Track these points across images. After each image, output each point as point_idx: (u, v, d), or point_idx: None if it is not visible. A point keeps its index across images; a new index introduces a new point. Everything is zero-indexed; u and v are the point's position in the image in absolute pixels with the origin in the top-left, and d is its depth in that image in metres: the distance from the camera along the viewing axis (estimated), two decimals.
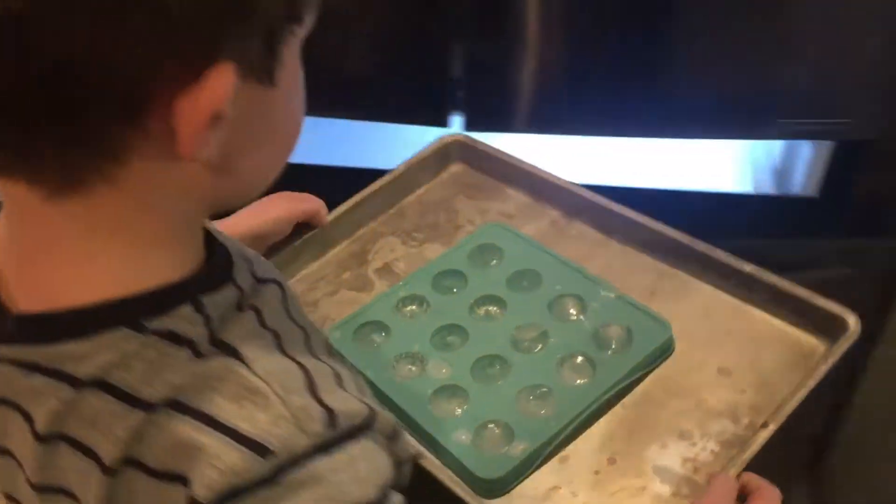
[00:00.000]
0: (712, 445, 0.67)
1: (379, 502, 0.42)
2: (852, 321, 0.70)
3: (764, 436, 0.64)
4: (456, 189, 0.95)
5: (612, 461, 0.68)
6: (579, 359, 0.73)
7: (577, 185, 0.88)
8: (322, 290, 0.86)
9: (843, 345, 0.69)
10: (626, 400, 0.72)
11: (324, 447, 0.40)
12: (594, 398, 0.70)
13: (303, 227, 0.88)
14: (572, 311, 0.77)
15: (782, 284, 0.74)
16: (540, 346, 0.75)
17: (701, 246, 0.79)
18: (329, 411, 0.41)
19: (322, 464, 0.40)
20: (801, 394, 0.66)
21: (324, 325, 0.81)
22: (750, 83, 1.07)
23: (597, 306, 0.77)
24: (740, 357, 0.73)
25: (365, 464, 0.42)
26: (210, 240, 0.46)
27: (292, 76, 0.42)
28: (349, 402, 0.43)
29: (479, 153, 0.96)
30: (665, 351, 0.74)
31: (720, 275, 0.78)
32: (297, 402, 0.41)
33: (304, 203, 0.87)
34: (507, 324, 0.77)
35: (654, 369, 0.73)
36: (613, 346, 0.74)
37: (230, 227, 0.62)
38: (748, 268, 0.76)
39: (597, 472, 0.67)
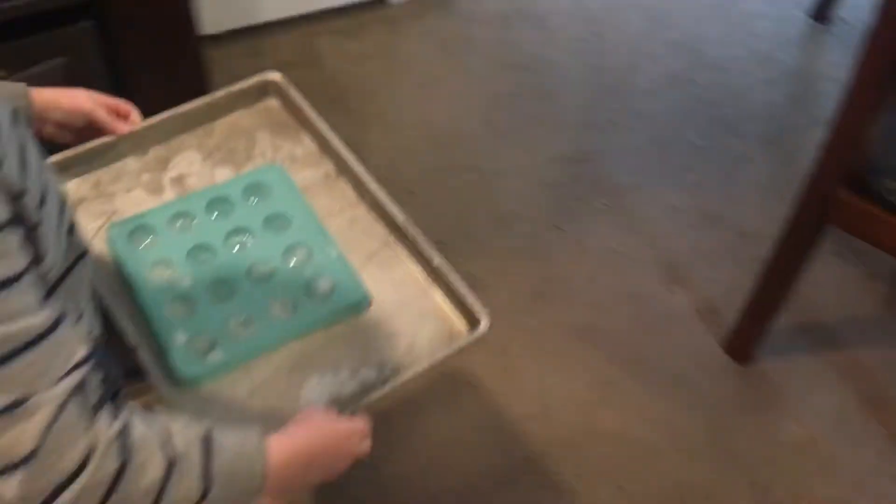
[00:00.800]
0: (353, 386, 0.91)
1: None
2: (484, 323, 0.93)
3: (377, 392, 0.88)
4: (263, 122, 1.13)
5: (281, 379, 0.91)
6: (287, 299, 0.95)
7: (347, 149, 1.07)
8: (122, 184, 1.05)
9: (466, 339, 0.93)
10: (316, 335, 0.95)
11: None
12: (283, 332, 0.93)
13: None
14: (299, 258, 0.99)
15: (454, 280, 0.96)
16: (265, 282, 0.97)
17: (412, 230, 1.00)
18: None
19: None
20: (413, 370, 0.90)
21: (111, 218, 1.01)
22: None
23: (319, 260, 0.98)
24: (410, 326, 0.96)
25: None
26: None
27: None
28: None
29: (290, 97, 1.13)
30: (358, 308, 0.96)
31: (419, 259, 1.00)
32: None
33: (110, 99, 1.03)
34: (249, 256, 0.99)
35: (345, 319, 0.96)
36: (318, 295, 0.96)
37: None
38: (437, 261, 0.98)
39: (266, 382, 0.91)
